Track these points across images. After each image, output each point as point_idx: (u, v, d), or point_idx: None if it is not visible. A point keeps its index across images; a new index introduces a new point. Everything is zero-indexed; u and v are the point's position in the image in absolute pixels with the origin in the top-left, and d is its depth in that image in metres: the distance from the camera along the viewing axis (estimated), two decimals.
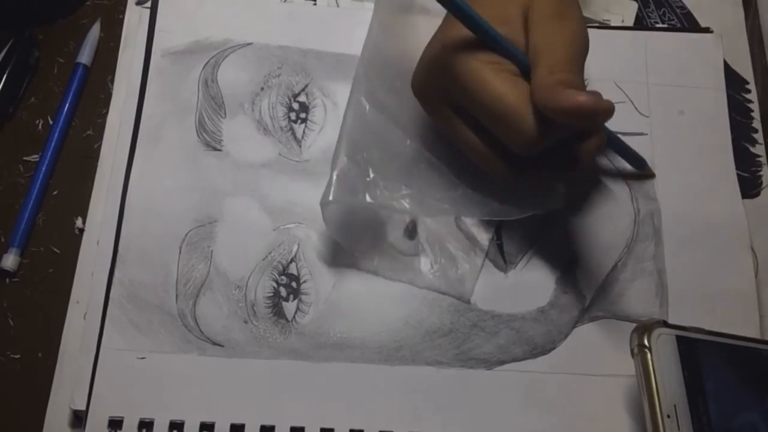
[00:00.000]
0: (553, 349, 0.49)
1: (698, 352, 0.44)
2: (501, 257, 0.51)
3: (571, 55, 0.43)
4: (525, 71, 0.43)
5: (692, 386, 0.42)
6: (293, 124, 0.53)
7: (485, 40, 0.43)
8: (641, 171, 0.53)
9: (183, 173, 0.51)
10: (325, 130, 0.53)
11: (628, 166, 0.53)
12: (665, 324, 0.44)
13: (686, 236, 0.52)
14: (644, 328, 0.43)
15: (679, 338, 0.43)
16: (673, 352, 0.43)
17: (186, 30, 0.54)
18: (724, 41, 0.58)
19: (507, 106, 0.42)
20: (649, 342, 0.43)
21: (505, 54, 0.44)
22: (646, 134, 0.55)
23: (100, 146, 0.53)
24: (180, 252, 0.49)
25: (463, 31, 0.43)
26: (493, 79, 0.43)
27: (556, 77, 0.41)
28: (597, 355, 0.49)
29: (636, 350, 0.43)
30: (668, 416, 0.41)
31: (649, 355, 0.42)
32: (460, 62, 0.44)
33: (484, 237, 0.51)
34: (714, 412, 0.42)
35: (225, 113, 0.53)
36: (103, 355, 0.46)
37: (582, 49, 0.44)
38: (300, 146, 0.52)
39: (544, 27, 0.44)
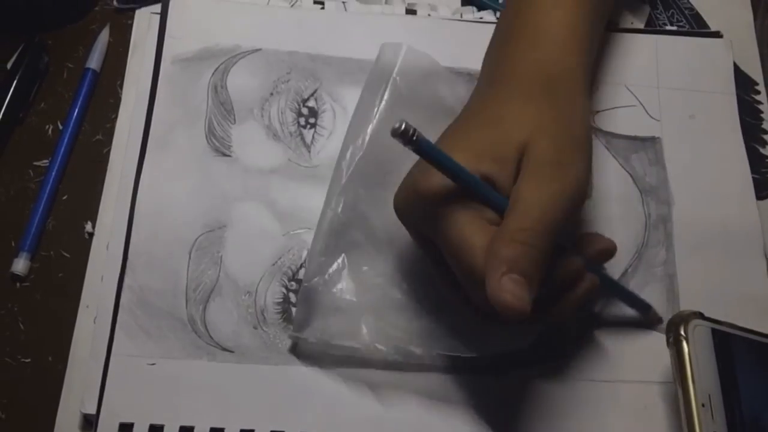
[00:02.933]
0: (563, 355, 0.49)
1: (732, 347, 0.44)
2: None
3: (550, 216, 0.38)
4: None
5: (726, 379, 0.43)
6: (302, 130, 0.53)
7: (464, 187, 0.39)
8: (647, 317, 0.49)
9: (192, 179, 0.51)
10: (334, 135, 0.53)
11: (639, 172, 0.53)
12: (701, 316, 0.44)
13: (698, 240, 0.52)
14: (681, 318, 0.44)
15: (714, 331, 0.44)
16: (709, 344, 0.44)
17: (196, 36, 0.54)
18: (733, 43, 0.58)
19: (475, 264, 0.38)
20: (686, 332, 0.43)
21: (485, 202, 0.40)
22: (658, 137, 0.55)
23: (109, 151, 0.53)
24: (190, 257, 0.49)
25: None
26: (464, 229, 0.39)
27: (514, 242, 0.37)
28: (607, 361, 0.48)
29: (672, 340, 0.44)
30: (703, 405, 0.42)
31: (685, 345, 0.43)
32: (435, 203, 0.40)
33: None
34: (746, 406, 0.43)
35: (234, 119, 0.53)
36: (114, 361, 0.46)
37: (569, 205, 0.40)
38: (309, 151, 0.52)
39: (532, 176, 0.39)
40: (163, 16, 0.55)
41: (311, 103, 0.54)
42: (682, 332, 0.43)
